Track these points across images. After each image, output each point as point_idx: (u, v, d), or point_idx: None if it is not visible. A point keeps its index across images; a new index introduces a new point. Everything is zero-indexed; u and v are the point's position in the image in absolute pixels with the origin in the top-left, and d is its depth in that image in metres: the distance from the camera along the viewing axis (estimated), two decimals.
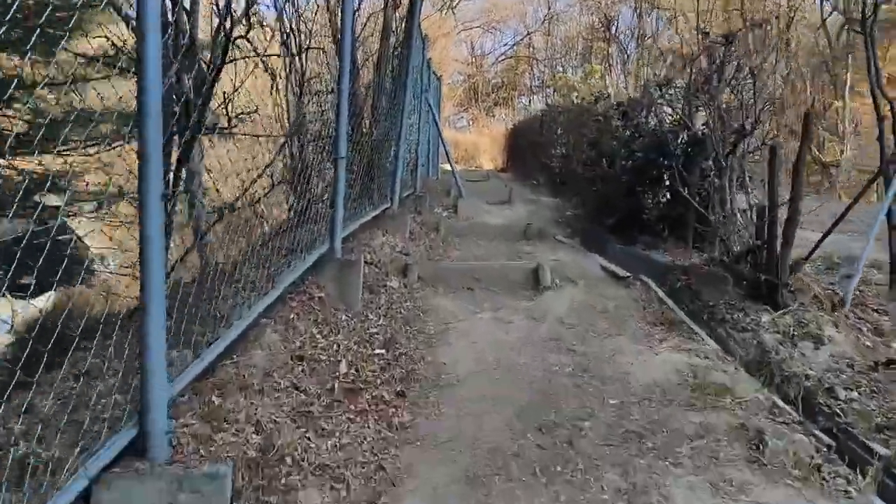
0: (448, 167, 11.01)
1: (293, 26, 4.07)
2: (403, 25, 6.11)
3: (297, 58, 3.86)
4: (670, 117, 6.56)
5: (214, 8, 2.75)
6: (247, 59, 3.43)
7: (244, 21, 2.59)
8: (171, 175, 2.37)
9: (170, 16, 2.82)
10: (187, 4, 3.20)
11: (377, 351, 3.48)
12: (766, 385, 3.35)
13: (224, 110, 2.58)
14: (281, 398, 2.62)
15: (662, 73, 9.53)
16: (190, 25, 3.11)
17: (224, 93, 2.53)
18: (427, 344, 3.82)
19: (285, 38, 3.76)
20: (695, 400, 3.09)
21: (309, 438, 2.44)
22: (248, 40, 2.79)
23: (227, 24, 2.49)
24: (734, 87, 5.18)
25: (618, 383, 3.30)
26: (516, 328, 4.19)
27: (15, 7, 1.99)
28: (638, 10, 24.38)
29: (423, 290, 4.76)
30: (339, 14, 4.25)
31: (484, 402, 3.10)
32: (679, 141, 5.95)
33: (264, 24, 3.79)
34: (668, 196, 6.36)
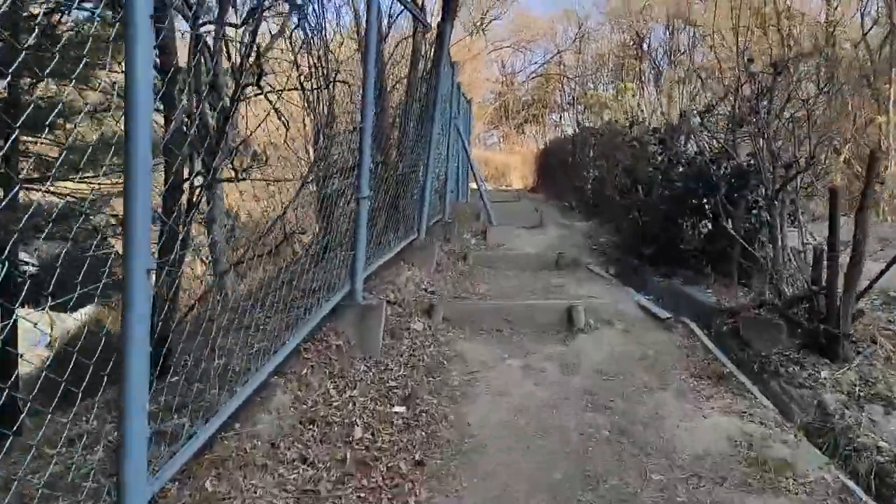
0: (476, 186, 10.80)
1: (317, 61, 3.88)
2: (432, 53, 5.90)
3: (317, 95, 3.67)
4: (710, 145, 6.19)
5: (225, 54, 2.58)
6: (266, 97, 3.25)
7: (255, 67, 2.40)
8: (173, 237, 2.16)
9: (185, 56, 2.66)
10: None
11: (396, 409, 3.22)
12: (831, 458, 2.98)
13: (231, 164, 2.39)
14: (285, 475, 2.37)
15: (696, 89, 9.14)
16: (214, 64, 2.96)
17: (230, 149, 2.34)
18: (451, 399, 3.54)
19: (303, 78, 3.57)
20: (751, 478, 2.73)
21: None
22: (259, 87, 2.60)
23: (239, 70, 2.31)
24: (785, 119, 4.81)
25: (661, 454, 2.96)
26: (548, 378, 3.88)
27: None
28: (670, 28, 24.00)
29: (448, 333, 4.48)
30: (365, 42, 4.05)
31: (512, 476, 2.80)
32: (722, 171, 5.58)
33: (284, 57, 3.63)
34: (710, 227, 5.99)
